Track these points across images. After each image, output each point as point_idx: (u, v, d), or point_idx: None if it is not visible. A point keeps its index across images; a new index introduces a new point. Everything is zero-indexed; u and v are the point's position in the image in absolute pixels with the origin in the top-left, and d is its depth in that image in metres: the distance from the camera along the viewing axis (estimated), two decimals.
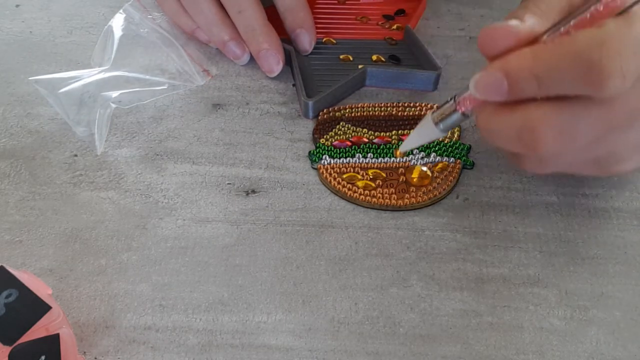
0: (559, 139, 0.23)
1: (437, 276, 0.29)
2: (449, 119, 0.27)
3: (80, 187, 0.33)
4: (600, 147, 0.26)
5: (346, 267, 0.30)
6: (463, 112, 0.26)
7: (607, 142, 0.25)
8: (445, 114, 0.27)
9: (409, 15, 0.43)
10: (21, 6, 0.46)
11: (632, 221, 0.31)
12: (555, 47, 0.23)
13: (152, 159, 0.35)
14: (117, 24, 0.41)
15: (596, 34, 0.22)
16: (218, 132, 0.36)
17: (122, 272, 0.29)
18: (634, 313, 0.28)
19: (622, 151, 0.27)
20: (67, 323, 0.25)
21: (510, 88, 0.23)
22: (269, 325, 0.27)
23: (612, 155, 0.27)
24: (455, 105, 0.26)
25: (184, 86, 0.39)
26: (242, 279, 0.29)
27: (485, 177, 0.33)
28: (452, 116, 0.27)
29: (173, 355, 0.26)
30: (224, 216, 0.32)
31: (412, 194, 0.32)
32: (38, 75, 0.38)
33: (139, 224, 0.31)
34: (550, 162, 0.27)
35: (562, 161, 0.27)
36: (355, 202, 0.32)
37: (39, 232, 0.31)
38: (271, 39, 0.38)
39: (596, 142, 0.25)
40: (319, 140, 0.35)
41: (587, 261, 0.30)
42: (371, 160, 0.34)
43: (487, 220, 0.31)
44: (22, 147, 0.35)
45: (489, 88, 0.24)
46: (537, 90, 0.23)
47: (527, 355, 0.26)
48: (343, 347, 0.27)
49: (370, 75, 0.38)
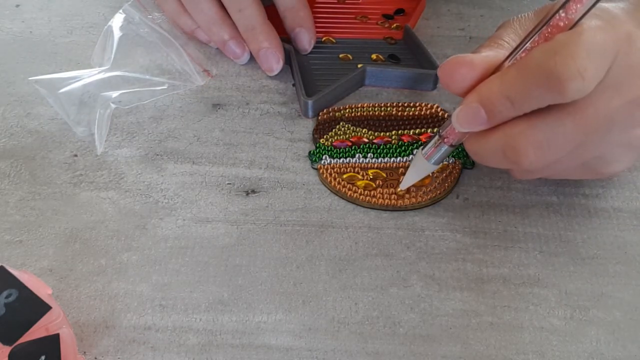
0: (539, 152, 0.25)
1: (437, 276, 0.29)
2: (438, 152, 0.29)
3: (80, 187, 0.33)
4: (585, 153, 0.27)
5: (346, 267, 0.30)
6: (450, 144, 0.28)
7: (590, 147, 0.26)
8: (433, 148, 0.29)
9: (408, 15, 0.43)
10: (21, 6, 0.46)
11: (632, 221, 0.31)
12: (517, 66, 0.24)
13: (152, 159, 0.35)
14: (117, 24, 0.41)
15: (549, 46, 0.23)
16: (218, 132, 0.36)
17: (122, 272, 0.29)
18: (634, 313, 0.28)
19: (608, 154, 0.27)
20: (67, 323, 0.25)
21: (488, 114, 0.25)
22: (269, 325, 0.27)
23: (600, 159, 0.28)
24: (441, 139, 0.28)
25: (184, 86, 0.39)
26: (242, 279, 0.29)
27: (485, 177, 0.33)
28: (440, 149, 0.29)
29: (173, 355, 0.26)
30: (224, 216, 0.32)
31: (412, 194, 0.32)
32: (38, 75, 0.38)
33: (139, 224, 0.31)
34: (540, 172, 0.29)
35: (552, 169, 0.28)
36: (355, 202, 0.32)
37: (39, 232, 0.31)
38: (271, 38, 0.38)
39: (579, 149, 0.26)
40: (319, 141, 0.35)
41: (587, 261, 0.30)
42: (371, 160, 0.34)
43: (487, 220, 0.31)
44: (22, 147, 0.35)
45: (469, 120, 0.26)
46: (512, 110, 0.25)
47: (527, 355, 0.26)
48: (343, 347, 0.27)
49: (370, 74, 0.38)
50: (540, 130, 0.24)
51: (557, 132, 0.24)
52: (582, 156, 0.27)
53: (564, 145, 0.25)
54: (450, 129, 0.28)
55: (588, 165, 0.28)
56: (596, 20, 0.24)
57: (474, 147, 0.27)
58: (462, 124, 0.26)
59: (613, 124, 0.25)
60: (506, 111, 0.25)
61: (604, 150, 0.27)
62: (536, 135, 0.24)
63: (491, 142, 0.26)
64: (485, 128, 0.26)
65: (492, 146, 0.26)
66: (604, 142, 0.26)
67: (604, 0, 0.25)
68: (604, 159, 0.28)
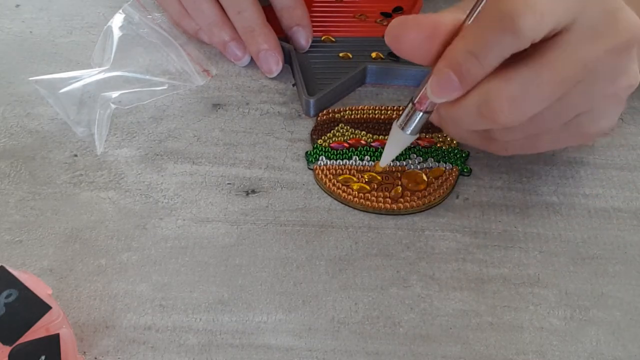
0: (515, 105, 0.24)
1: (437, 276, 0.29)
2: (413, 120, 0.28)
3: (80, 187, 0.33)
4: (569, 108, 0.26)
5: (346, 267, 0.30)
6: (424, 110, 0.27)
7: (574, 100, 0.25)
8: (408, 117, 0.28)
9: (406, 12, 0.44)
10: (21, 6, 0.46)
11: (632, 221, 0.31)
12: (473, 22, 0.24)
13: (152, 159, 0.35)
14: (116, 24, 0.41)
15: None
16: (218, 132, 0.36)
17: (122, 272, 0.29)
18: (634, 313, 0.28)
19: (594, 108, 0.27)
20: (67, 323, 0.25)
21: (459, 77, 0.24)
22: (269, 325, 0.27)
23: (586, 116, 0.27)
24: (414, 106, 0.28)
25: (184, 86, 0.39)
26: (242, 279, 0.29)
27: (485, 177, 0.33)
28: (415, 117, 0.28)
29: (173, 355, 0.26)
30: (224, 216, 0.32)
31: (406, 199, 0.32)
32: (38, 75, 0.38)
33: (139, 224, 0.31)
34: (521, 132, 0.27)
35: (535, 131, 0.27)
36: (349, 205, 0.32)
37: (39, 232, 0.31)
38: (270, 40, 0.38)
39: (562, 103, 0.25)
40: (317, 141, 0.35)
41: (587, 261, 0.30)
42: (368, 163, 0.34)
43: (487, 220, 0.31)
44: (22, 147, 0.35)
45: (443, 87, 0.25)
46: (479, 65, 0.24)
47: (527, 355, 0.26)
48: (343, 347, 0.27)
49: (370, 72, 0.38)
50: (514, 83, 0.24)
51: (533, 83, 0.24)
52: (565, 112, 0.26)
53: (541, 97, 0.24)
54: (423, 95, 0.27)
55: (574, 126, 0.27)
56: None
57: (448, 111, 0.26)
58: (437, 92, 0.25)
59: (597, 75, 0.25)
60: (474, 68, 0.24)
61: (589, 103, 0.26)
62: (510, 88, 0.24)
63: (466, 102, 0.25)
64: (460, 94, 0.25)
65: (467, 106, 0.25)
66: (588, 95, 0.25)
67: None
68: (590, 114, 0.27)
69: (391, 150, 0.30)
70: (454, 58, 0.24)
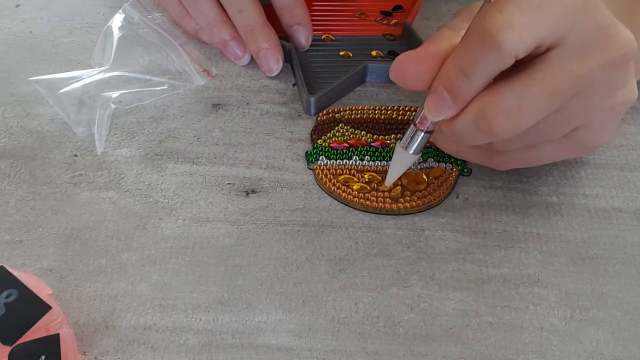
0: (510, 118, 0.25)
1: (437, 276, 0.29)
2: (415, 140, 0.29)
3: (80, 187, 0.33)
4: (566, 121, 0.26)
5: (346, 267, 0.30)
6: (425, 130, 0.29)
7: (570, 113, 0.26)
8: (410, 137, 0.29)
9: (406, 11, 0.44)
10: (21, 6, 0.46)
11: (632, 221, 0.31)
12: (461, 41, 0.26)
13: (152, 159, 0.35)
14: (116, 24, 0.41)
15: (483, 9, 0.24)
16: (218, 132, 0.36)
17: (122, 272, 0.29)
18: (634, 313, 0.28)
19: (591, 121, 0.27)
20: (67, 323, 0.25)
21: (451, 94, 0.26)
22: (269, 325, 0.27)
23: (584, 129, 0.27)
24: (416, 127, 0.29)
25: (184, 86, 0.39)
26: (242, 279, 0.29)
27: (485, 177, 0.33)
28: (417, 137, 0.29)
29: (173, 355, 0.26)
30: (224, 216, 0.32)
31: (406, 199, 0.32)
32: (38, 75, 0.38)
33: (139, 224, 0.31)
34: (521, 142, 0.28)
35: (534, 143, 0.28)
36: (349, 205, 0.32)
37: (39, 232, 0.31)
38: (270, 39, 0.38)
39: (558, 116, 0.26)
40: (317, 141, 0.35)
41: (587, 261, 0.30)
42: (368, 163, 0.34)
43: (487, 220, 0.31)
44: (22, 147, 0.35)
45: (437, 105, 0.26)
46: (468, 82, 0.25)
47: (527, 355, 0.26)
48: (343, 347, 0.27)
49: (371, 71, 0.38)
50: (507, 97, 0.25)
51: (526, 97, 0.24)
52: (563, 124, 0.27)
53: (535, 110, 0.25)
54: (423, 116, 0.28)
55: (572, 138, 0.28)
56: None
57: (448, 127, 0.27)
58: (432, 111, 0.27)
59: (593, 88, 0.25)
60: (464, 85, 0.25)
61: (586, 116, 0.27)
62: (504, 102, 0.25)
63: (464, 116, 0.26)
64: (454, 111, 0.26)
65: (465, 121, 0.26)
66: (585, 108, 0.26)
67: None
68: (588, 128, 0.27)
69: (395, 170, 0.31)
70: (445, 76, 0.26)
